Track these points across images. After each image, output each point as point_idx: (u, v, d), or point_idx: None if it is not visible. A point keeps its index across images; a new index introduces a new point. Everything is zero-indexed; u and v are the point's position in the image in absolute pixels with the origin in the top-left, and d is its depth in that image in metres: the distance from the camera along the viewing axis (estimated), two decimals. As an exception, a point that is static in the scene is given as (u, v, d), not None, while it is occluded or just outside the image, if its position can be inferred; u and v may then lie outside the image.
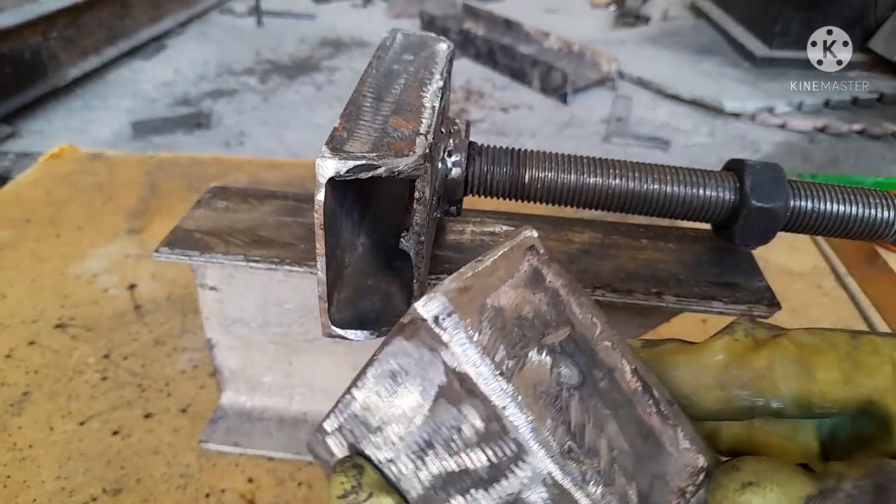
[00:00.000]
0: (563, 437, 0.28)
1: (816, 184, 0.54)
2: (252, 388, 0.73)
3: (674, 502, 0.30)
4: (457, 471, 0.30)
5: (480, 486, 0.29)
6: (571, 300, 0.33)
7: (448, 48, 0.58)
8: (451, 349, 0.27)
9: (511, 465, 0.28)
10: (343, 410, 0.33)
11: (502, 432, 0.28)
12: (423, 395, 0.30)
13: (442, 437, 0.30)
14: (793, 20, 4.11)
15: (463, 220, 0.64)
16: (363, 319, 0.48)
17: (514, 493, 0.28)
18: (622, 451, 0.30)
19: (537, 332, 0.30)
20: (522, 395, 0.27)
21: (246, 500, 0.66)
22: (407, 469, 0.31)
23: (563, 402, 0.29)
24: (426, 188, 0.43)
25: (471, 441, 0.29)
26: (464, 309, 0.28)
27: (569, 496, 0.28)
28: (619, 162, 0.54)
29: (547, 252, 0.34)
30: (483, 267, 0.30)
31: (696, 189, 0.53)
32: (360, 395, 0.32)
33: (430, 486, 0.31)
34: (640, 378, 0.32)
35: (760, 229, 0.53)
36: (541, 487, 0.28)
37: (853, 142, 3.38)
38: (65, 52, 3.51)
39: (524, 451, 0.27)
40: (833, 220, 0.53)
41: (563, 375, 0.29)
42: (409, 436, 0.31)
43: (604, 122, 3.55)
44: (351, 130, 0.43)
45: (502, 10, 4.80)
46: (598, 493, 0.28)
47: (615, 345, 0.32)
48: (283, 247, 0.60)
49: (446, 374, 0.28)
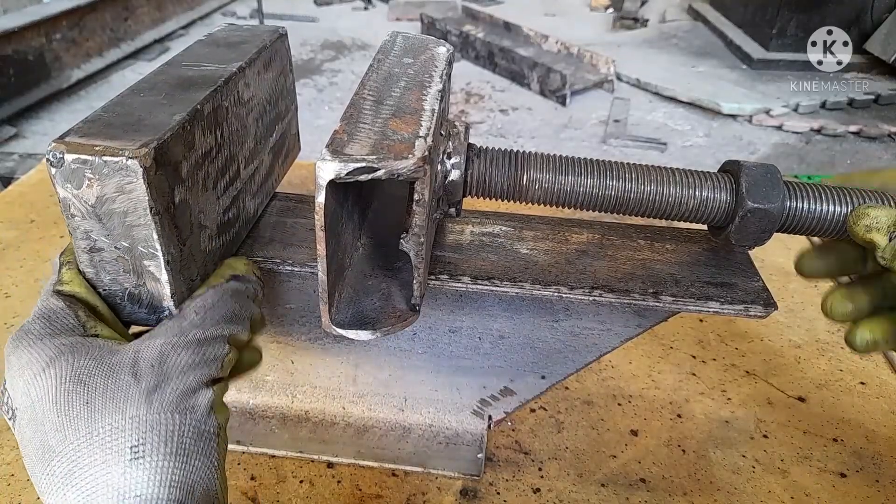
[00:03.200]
0: None
1: (812, 185, 0.54)
2: (254, 386, 0.74)
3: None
4: None
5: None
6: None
7: (448, 51, 0.59)
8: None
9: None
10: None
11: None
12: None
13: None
14: (789, 23, 4.12)
15: (463, 220, 0.65)
16: (363, 319, 0.49)
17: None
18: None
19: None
20: None
21: (248, 497, 0.67)
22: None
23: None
24: (425, 190, 0.44)
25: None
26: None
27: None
28: (617, 164, 0.55)
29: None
30: None
31: (693, 190, 0.53)
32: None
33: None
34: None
35: (756, 230, 0.53)
36: None
37: (849, 143, 3.39)
38: (68, 53, 3.52)
39: None
40: (829, 221, 0.53)
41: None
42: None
43: (602, 124, 3.56)
44: (351, 133, 0.43)
45: (502, 13, 4.81)
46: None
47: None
48: (284, 247, 0.60)
49: None
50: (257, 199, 0.63)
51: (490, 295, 0.61)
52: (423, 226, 0.46)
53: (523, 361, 0.66)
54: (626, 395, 0.81)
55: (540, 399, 0.78)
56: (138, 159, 0.41)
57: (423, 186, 0.43)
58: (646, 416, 0.78)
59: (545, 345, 0.64)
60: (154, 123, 0.44)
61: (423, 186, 0.43)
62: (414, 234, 0.46)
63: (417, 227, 0.46)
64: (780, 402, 0.81)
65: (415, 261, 0.48)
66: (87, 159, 0.41)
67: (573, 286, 0.57)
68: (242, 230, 0.60)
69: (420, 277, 0.49)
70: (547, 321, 0.62)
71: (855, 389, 0.83)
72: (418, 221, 0.45)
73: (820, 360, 0.87)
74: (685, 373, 0.85)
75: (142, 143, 0.42)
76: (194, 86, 0.50)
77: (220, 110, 0.51)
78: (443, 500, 0.67)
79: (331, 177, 0.40)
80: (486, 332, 0.65)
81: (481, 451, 0.70)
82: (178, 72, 0.53)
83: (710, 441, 0.75)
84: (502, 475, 0.70)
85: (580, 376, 0.83)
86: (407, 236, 0.46)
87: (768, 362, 0.87)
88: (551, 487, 0.69)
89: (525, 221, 0.65)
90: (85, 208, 0.43)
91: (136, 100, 0.48)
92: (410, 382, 0.71)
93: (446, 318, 0.65)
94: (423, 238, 0.47)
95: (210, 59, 0.56)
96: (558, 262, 0.59)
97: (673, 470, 0.71)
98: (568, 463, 0.71)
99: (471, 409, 0.72)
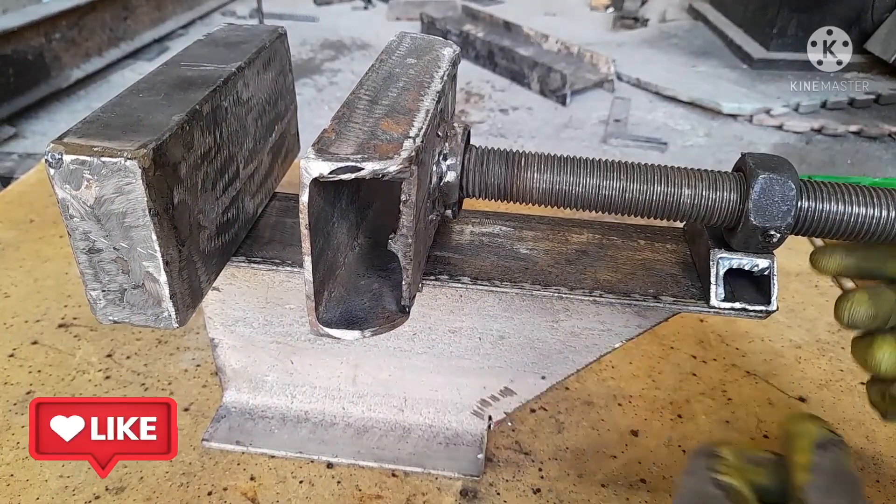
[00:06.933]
0: None
1: (829, 184, 0.51)
2: (254, 387, 0.74)
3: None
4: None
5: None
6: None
7: (453, 52, 0.58)
8: None
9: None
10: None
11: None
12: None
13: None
14: (790, 22, 4.12)
15: (462, 220, 0.65)
16: (352, 319, 0.49)
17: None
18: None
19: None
20: None
21: (248, 497, 0.67)
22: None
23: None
24: (413, 191, 0.44)
25: None
26: None
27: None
28: (617, 164, 0.54)
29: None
30: None
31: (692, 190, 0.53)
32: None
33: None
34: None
35: (758, 244, 0.52)
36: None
37: (850, 143, 3.39)
38: (67, 53, 3.52)
39: None
40: (849, 224, 0.50)
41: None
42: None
43: (602, 124, 3.56)
44: (340, 132, 0.43)
45: (502, 13, 4.81)
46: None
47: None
48: (284, 247, 0.60)
49: None
50: (257, 199, 0.63)
51: (490, 295, 0.61)
52: (411, 227, 0.46)
53: (523, 362, 0.66)
54: (626, 395, 0.81)
55: (540, 399, 0.78)
56: (137, 160, 0.41)
57: (411, 187, 0.43)
58: (646, 417, 0.78)
59: (545, 345, 0.64)
60: (153, 124, 0.44)
61: (411, 187, 0.43)
62: (402, 235, 0.46)
63: (405, 227, 0.46)
64: (781, 402, 0.81)
65: (403, 262, 0.48)
66: (86, 160, 0.41)
67: (573, 286, 0.56)
68: (242, 230, 0.59)
69: (409, 279, 0.49)
70: (547, 321, 0.62)
71: (855, 389, 0.83)
72: (406, 222, 0.45)
73: (821, 360, 0.87)
74: (685, 373, 0.85)
75: (140, 143, 0.42)
76: (193, 86, 0.50)
77: (219, 110, 0.51)
78: (443, 500, 0.67)
79: (315, 175, 0.40)
80: (486, 333, 0.65)
81: (481, 451, 0.70)
82: (177, 72, 0.53)
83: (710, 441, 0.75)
84: (502, 475, 0.70)
85: (580, 376, 0.83)
86: (395, 237, 0.46)
87: (769, 362, 0.87)
88: (551, 488, 0.68)
89: (525, 221, 0.65)
90: (84, 209, 0.43)
91: (135, 100, 0.48)
92: (410, 382, 0.71)
93: (446, 318, 0.64)
94: (412, 239, 0.46)
95: (209, 59, 0.56)
96: (558, 263, 0.59)
97: (673, 470, 0.71)
98: (568, 463, 0.71)
99: (471, 410, 0.72)
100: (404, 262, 0.48)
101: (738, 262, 0.54)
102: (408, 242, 0.46)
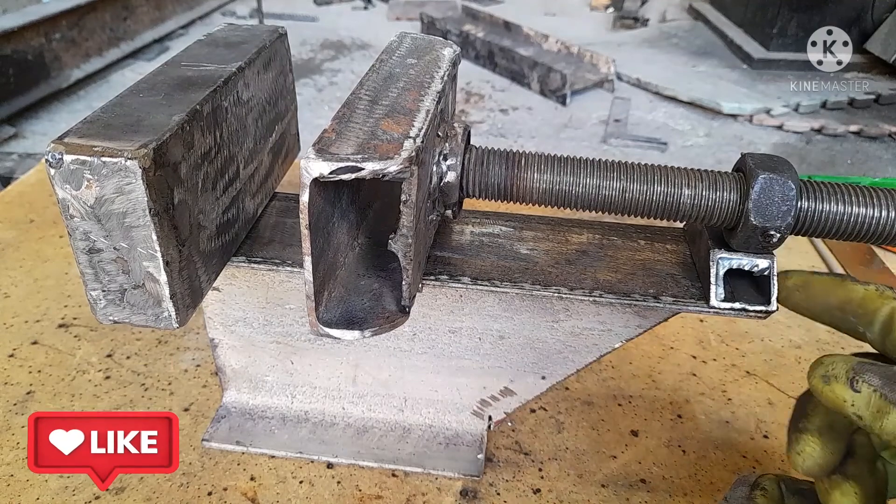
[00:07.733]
0: None
1: (829, 184, 0.51)
2: (254, 387, 0.74)
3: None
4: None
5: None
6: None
7: (453, 52, 0.58)
8: None
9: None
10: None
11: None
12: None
13: None
14: (790, 22, 4.12)
15: (463, 220, 0.65)
16: (352, 319, 0.49)
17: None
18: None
19: None
20: None
21: (248, 497, 0.67)
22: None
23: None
24: (413, 191, 0.44)
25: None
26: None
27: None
28: (617, 164, 0.54)
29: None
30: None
31: (692, 190, 0.53)
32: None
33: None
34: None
35: (758, 244, 0.52)
36: None
37: (850, 142, 3.39)
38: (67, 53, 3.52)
39: None
40: (848, 224, 0.50)
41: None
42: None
43: (602, 124, 3.56)
44: (340, 132, 0.43)
45: (502, 13, 4.81)
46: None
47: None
48: (284, 247, 0.60)
49: None
50: (257, 199, 0.63)
51: (490, 295, 0.61)
52: (411, 227, 0.46)
53: (523, 362, 0.66)
54: (626, 395, 0.81)
55: (540, 399, 0.78)
56: (137, 160, 0.41)
57: (411, 187, 0.43)
58: (646, 417, 0.78)
59: (545, 345, 0.64)
60: (153, 124, 0.44)
61: (411, 187, 0.43)
62: (402, 235, 0.46)
63: (405, 227, 0.46)
64: (781, 402, 0.81)
65: (403, 262, 0.48)
66: (86, 160, 0.41)
67: (573, 286, 0.56)
68: (242, 230, 0.59)
69: (409, 279, 0.49)
70: (547, 321, 0.62)
71: (855, 390, 0.83)
72: (406, 222, 0.45)
73: (820, 361, 0.87)
74: (685, 373, 0.85)
75: (141, 143, 0.42)
76: (193, 86, 0.50)
77: (219, 110, 0.51)
78: (443, 500, 0.67)
79: (314, 175, 0.40)
80: (486, 333, 0.65)
81: (481, 451, 0.70)
82: (178, 72, 0.53)
83: (710, 441, 0.75)
84: (502, 475, 0.70)
85: (580, 376, 0.83)
86: (395, 237, 0.46)
87: (768, 362, 0.87)
88: (551, 488, 0.68)
89: (525, 222, 0.65)
90: (84, 209, 0.43)
91: (136, 100, 0.48)
92: (410, 383, 0.71)
93: (446, 319, 0.64)
94: (412, 239, 0.46)
95: (209, 59, 0.56)
96: (558, 263, 0.59)
97: (673, 470, 0.71)
98: (568, 463, 0.71)
99: (471, 410, 0.72)
100: (404, 262, 0.48)
101: (738, 262, 0.54)
102: (408, 242, 0.46)
